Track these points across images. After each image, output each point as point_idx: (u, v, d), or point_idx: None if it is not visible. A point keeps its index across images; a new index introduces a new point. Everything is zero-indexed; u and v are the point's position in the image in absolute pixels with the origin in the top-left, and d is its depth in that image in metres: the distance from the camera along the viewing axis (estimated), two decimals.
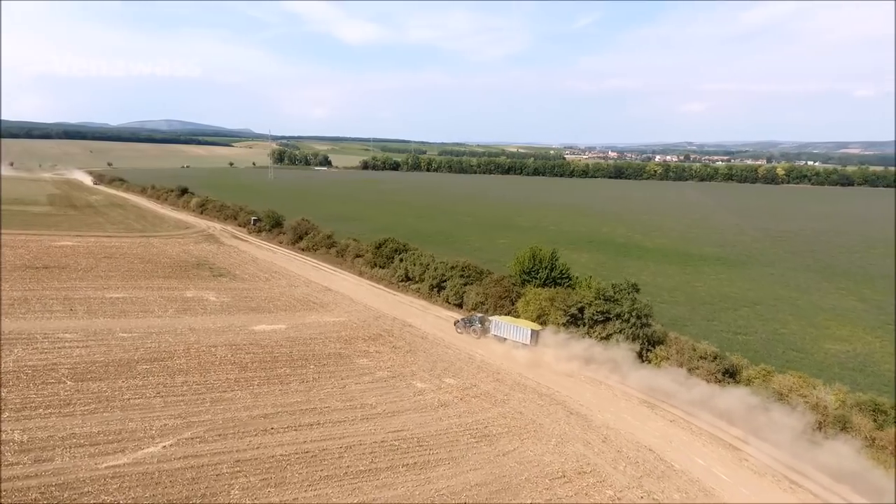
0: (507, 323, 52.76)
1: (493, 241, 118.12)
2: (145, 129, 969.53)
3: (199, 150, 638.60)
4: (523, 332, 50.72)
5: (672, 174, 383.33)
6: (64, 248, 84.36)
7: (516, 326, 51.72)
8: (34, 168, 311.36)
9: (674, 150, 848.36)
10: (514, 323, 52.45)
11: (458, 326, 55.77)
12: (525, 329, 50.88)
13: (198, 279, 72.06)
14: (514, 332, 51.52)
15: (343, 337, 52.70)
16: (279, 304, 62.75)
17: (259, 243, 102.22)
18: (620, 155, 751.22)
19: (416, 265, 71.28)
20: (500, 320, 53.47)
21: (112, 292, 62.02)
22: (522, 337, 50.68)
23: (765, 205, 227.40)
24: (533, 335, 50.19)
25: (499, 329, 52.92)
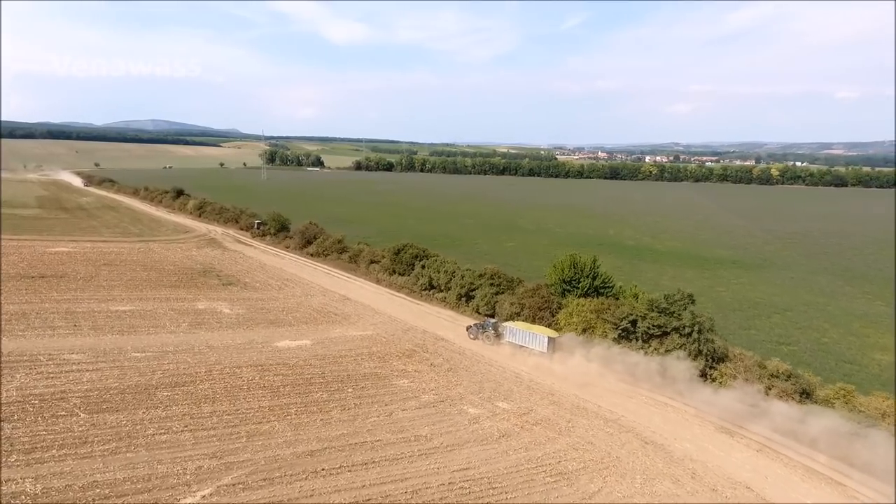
0: (522, 329, 50.19)
1: (501, 244, 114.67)
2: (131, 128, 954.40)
3: (188, 151, 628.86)
4: (539, 340, 48.42)
5: (667, 175, 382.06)
6: (60, 255, 79.16)
7: (532, 333, 49.28)
8: (18, 169, 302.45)
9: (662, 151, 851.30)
10: (530, 329, 49.89)
11: (471, 332, 53.54)
12: (542, 336, 48.50)
13: (206, 288, 67.38)
14: (529, 339, 49.21)
15: (375, 353, 48.46)
16: (298, 317, 58.33)
17: (265, 248, 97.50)
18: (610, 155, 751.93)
19: (440, 273, 67.14)
20: (514, 326, 50.95)
21: (117, 304, 57.22)
22: (538, 344, 48.38)
23: (765, 205, 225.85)
24: (550, 342, 47.84)
25: (513, 336, 50.50)
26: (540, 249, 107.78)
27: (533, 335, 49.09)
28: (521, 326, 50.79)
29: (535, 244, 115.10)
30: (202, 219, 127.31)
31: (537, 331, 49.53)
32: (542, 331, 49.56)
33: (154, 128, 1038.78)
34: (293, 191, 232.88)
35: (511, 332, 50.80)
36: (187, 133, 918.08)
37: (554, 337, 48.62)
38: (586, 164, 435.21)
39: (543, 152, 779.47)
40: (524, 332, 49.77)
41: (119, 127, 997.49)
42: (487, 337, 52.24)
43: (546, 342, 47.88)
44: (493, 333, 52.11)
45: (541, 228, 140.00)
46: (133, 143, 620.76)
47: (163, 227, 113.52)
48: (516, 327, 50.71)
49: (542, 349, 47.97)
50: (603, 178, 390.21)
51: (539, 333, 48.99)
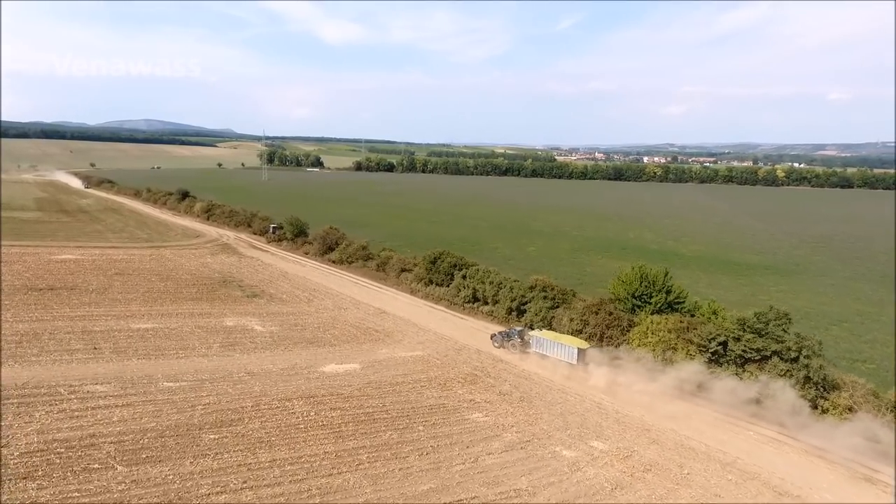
0: (550, 339, 47.93)
1: (521, 248, 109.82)
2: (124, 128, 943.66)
3: (184, 151, 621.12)
4: (568, 351, 46.16)
5: (671, 176, 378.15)
6: (67, 263, 73.37)
7: (560, 344, 46.95)
8: (12, 169, 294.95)
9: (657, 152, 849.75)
10: (558, 339, 47.62)
11: (496, 340, 51.32)
12: (570, 347, 46.19)
13: (230, 301, 61.84)
14: (558, 349, 46.97)
15: (435, 380, 43.10)
16: (337, 335, 52.90)
17: (283, 254, 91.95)
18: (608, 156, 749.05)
19: (486, 284, 61.82)
20: (542, 335, 48.83)
21: (138, 321, 51.61)
22: (567, 355, 46.13)
23: (778, 207, 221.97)
24: (580, 354, 45.54)
25: (540, 345, 48.35)
26: (563, 254, 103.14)
27: (561, 346, 46.71)
28: (548, 336, 48.46)
29: (557, 248, 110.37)
30: (211, 222, 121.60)
31: (566, 341, 47.08)
32: (571, 341, 47.09)
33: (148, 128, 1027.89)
34: (296, 192, 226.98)
35: (538, 342, 48.57)
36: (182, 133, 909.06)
37: (584, 348, 46.05)
38: (589, 165, 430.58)
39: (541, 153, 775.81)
40: (552, 342, 47.44)
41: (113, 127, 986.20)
42: (513, 345, 49.90)
43: (575, 353, 45.52)
44: (518, 342, 49.79)
45: (558, 231, 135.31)
46: (128, 144, 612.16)
47: (171, 232, 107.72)
48: (543, 336, 48.41)
49: (571, 360, 45.63)
50: (607, 179, 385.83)
51: (568, 344, 46.54)
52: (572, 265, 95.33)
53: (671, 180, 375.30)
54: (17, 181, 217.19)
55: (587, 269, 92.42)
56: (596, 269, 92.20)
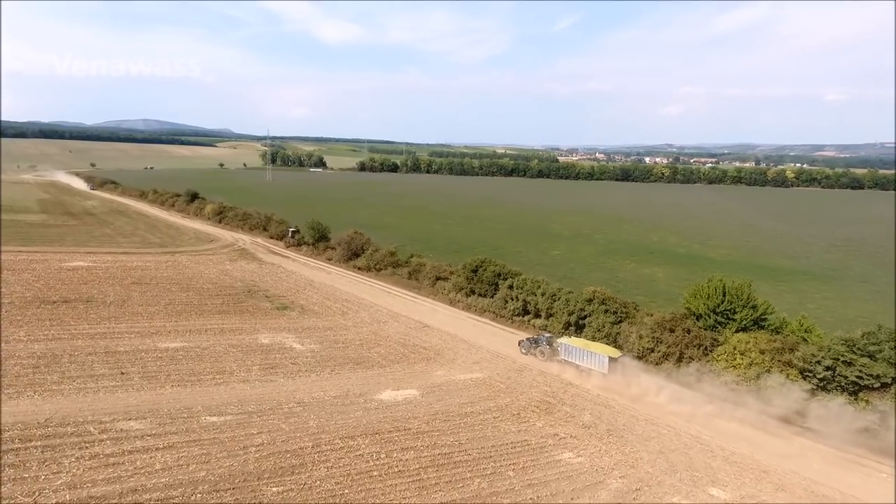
0: (580, 347, 46.34)
1: (545, 252, 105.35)
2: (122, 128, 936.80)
3: (183, 151, 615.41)
4: (599, 359, 44.37)
5: (680, 177, 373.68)
6: (79, 272, 68.32)
7: (590, 352, 45.35)
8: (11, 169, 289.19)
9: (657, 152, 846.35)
10: (588, 347, 46.04)
11: (523, 346, 49.87)
12: (601, 356, 44.36)
13: (260, 314, 56.88)
14: (587, 357, 45.30)
15: (506, 409, 38.23)
16: (384, 353, 48.02)
17: (304, 260, 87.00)
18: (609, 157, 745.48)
19: (538, 296, 56.97)
20: (571, 343, 47.28)
21: (164, 339, 46.63)
22: (598, 364, 44.37)
23: (796, 209, 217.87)
24: (611, 363, 43.75)
25: (569, 353, 46.77)
26: (589, 258, 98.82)
27: (591, 354, 45.02)
28: (577, 343, 47.01)
29: (582, 252, 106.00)
30: (223, 225, 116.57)
31: (596, 349, 45.37)
32: (602, 349, 45.31)
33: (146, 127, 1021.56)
34: (302, 193, 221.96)
35: (566, 350, 46.99)
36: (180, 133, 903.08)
37: (616, 357, 44.26)
38: (596, 166, 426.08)
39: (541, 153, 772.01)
40: (581, 350, 45.85)
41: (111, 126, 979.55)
42: (541, 352, 48.43)
43: (606, 362, 43.74)
44: (547, 349, 48.27)
45: (578, 234, 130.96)
46: (128, 143, 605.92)
47: (184, 236, 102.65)
48: (572, 344, 46.95)
49: (602, 370, 43.93)
50: (614, 179, 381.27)
51: (598, 352, 44.75)
52: (602, 270, 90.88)
53: (679, 181, 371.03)
54: (18, 182, 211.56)
55: (618, 275, 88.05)
56: (628, 275, 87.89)
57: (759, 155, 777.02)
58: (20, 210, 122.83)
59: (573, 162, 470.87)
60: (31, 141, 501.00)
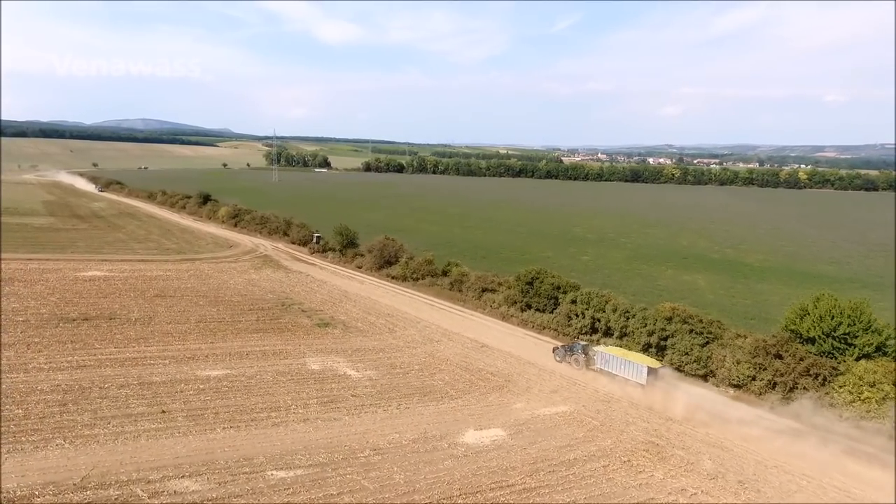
0: (618, 356, 44.39)
1: (574, 257, 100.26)
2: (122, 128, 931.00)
3: (185, 151, 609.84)
4: (637, 370, 42.50)
5: (691, 178, 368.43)
6: (96, 282, 62.77)
7: (628, 361, 43.45)
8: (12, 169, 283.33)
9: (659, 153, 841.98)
10: (626, 357, 44.09)
11: (557, 354, 48.43)
12: (640, 366, 42.55)
13: (301, 333, 51.38)
14: (625, 367, 43.38)
15: (611, 454, 32.79)
16: (449, 381, 42.56)
17: (332, 268, 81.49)
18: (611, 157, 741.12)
19: (609, 312, 51.49)
20: (607, 352, 45.59)
21: (203, 365, 41.09)
22: (636, 375, 42.48)
23: (818, 211, 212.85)
24: (650, 373, 41.92)
25: (605, 362, 45.01)
26: (621, 264, 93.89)
27: (629, 364, 43.20)
28: (615, 352, 45.23)
29: (613, 257, 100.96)
30: (239, 229, 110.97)
31: (634, 359, 43.58)
32: (641, 359, 43.47)
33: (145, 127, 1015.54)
34: (311, 194, 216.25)
35: (603, 358, 45.25)
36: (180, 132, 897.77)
37: (655, 367, 42.49)
38: (605, 166, 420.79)
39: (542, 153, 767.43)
40: (619, 360, 44.03)
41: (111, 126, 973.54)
42: (576, 361, 46.87)
43: (645, 373, 41.84)
44: (582, 357, 46.71)
45: (603, 238, 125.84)
46: (129, 143, 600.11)
47: (200, 241, 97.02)
48: (609, 353, 45.21)
49: (640, 381, 42.03)
50: (623, 180, 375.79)
51: (637, 362, 42.93)
52: (640, 277, 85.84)
53: (690, 182, 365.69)
54: (20, 182, 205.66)
55: (658, 283, 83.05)
56: (669, 283, 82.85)
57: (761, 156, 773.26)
58: (26, 212, 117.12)
59: (581, 163, 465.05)
60: (32, 140, 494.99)
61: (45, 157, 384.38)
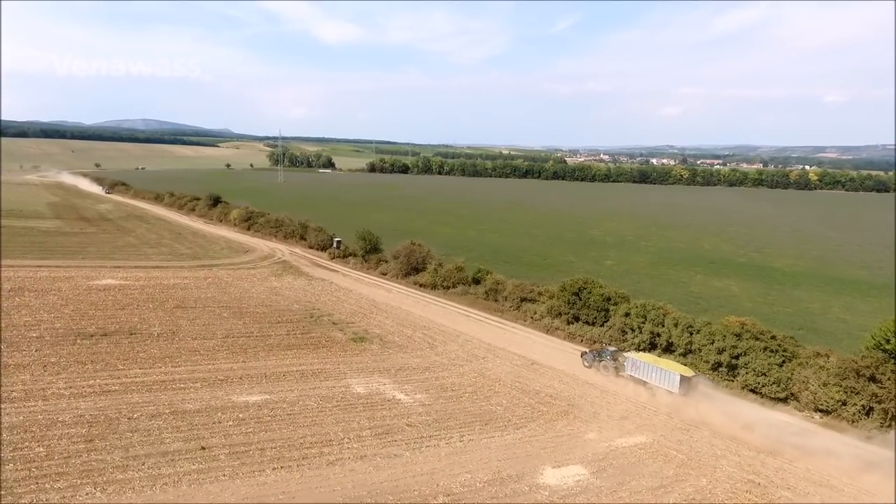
0: (649, 363, 42.90)
1: (598, 262, 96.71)
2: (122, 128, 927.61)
3: (186, 151, 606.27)
4: (669, 378, 41.07)
5: (699, 179, 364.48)
6: (111, 292, 58.83)
7: (660, 369, 41.89)
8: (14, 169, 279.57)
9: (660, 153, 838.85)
10: (657, 364, 42.52)
11: (585, 359, 47.18)
12: (672, 374, 41.07)
13: (336, 348, 47.46)
14: (656, 375, 41.94)
15: (711, 495, 28.90)
16: (508, 406, 38.65)
17: (356, 275, 77.56)
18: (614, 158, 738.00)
19: (666, 326, 47.55)
20: (639, 358, 43.90)
21: (238, 389, 37.16)
22: (668, 383, 41.04)
23: (834, 213, 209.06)
24: (683, 382, 40.36)
25: (636, 369, 43.51)
26: (647, 269, 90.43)
27: (661, 371, 41.72)
28: (646, 359, 43.73)
29: (637, 262, 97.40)
30: (252, 233, 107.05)
31: (666, 366, 42.04)
32: (673, 367, 41.95)
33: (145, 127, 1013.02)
34: (317, 195, 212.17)
35: (633, 365, 43.80)
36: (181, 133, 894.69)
37: (689, 376, 40.99)
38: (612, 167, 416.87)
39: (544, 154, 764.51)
40: (650, 367, 42.53)
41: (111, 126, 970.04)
42: (605, 367, 45.48)
43: (678, 381, 40.43)
44: (611, 363, 45.30)
45: (623, 242, 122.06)
46: (130, 143, 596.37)
47: (214, 245, 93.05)
48: (640, 359, 43.72)
49: (673, 389, 40.62)
50: (631, 181, 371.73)
51: (669, 370, 41.45)
52: (671, 283, 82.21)
53: (698, 183, 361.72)
54: (23, 183, 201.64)
55: (691, 289, 79.43)
56: (701, 289, 79.28)
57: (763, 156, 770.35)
58: (31, 215, 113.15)
59: (588, 163, 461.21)
60: (33, 140, 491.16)
61: (47, 158, 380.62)
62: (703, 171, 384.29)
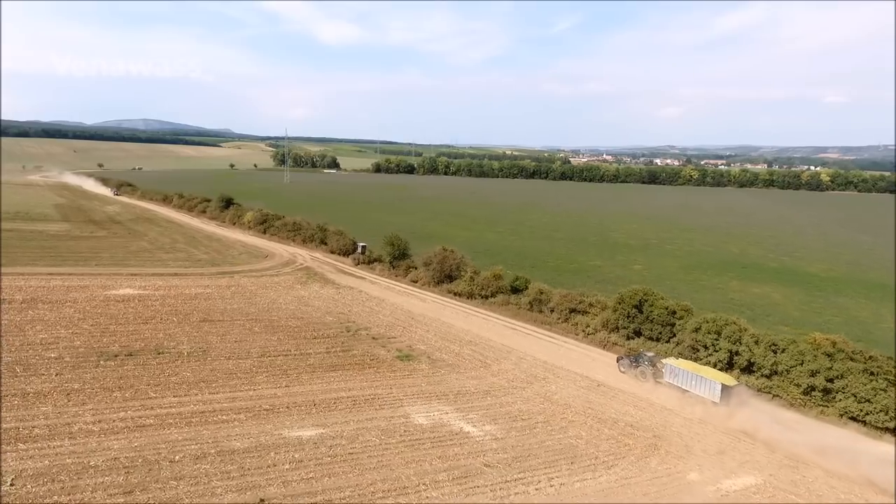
0: (689, 370, 41.39)
1: (626, 266, 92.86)
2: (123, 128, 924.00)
3: (189, 151, 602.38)
4: (710, 386, 39.53)
5: (710, 180, 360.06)
6: (131, 303, 54.50)
7: (700, 377, 40.45)
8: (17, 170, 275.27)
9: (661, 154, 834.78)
10: (697, 371, 41.07)
11: (622, 364, 45.95)
12: (713, 382, 39.53)
13: (383, 368, 43.17)
14: (696, 383, 40.43)
15: None
16: (590, 439, 34.33)
17: (384, 282, 73.32)
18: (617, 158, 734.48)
19: (744, 343, 43.18)
20: (677, 365, 42.29)
21: (288, 422, 32.80)
22: (709, 392, 39.55)
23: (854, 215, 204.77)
24: (724, 391, 38.80)
25: (675, 376, 41.95)
26: (678, 274, 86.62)
27: (701, 379, 40.29)
28: (685, 366, 42.15)
29: (666, 267, 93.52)
30: (269, 236, 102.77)
31: (707, 374, 40.61)
32: (714, 375, 40.45)
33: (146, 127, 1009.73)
34: (326, 195, 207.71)
35: (672, 372, 42.23)
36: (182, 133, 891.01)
37: (730, 385, 39.25)
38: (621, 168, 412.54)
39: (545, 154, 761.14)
40: (690, 374, 41.11)
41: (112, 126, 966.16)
42: (642, 373, 43.91)
43: (719, 390, 38.98)
44: (649, 370, 43.53)
45: (647, 245, 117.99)
46: (132, 143, 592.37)
47: (231, 250, 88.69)
48: (679, 366, 42.08)
49: (714, 398, 39.14)
50: (640, 182, 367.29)
51: (709, 378, 39.96)
52: (707, 290, 78.25)
53: (708, 184, 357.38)
54: (27, 184, 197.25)
55: (730, 297, 75.44)
56: (741, 297, 75.29)
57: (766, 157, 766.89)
58: (38, 218, 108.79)
59: (596, 164, 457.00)
60: (35, 140, 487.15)
61: (49, 158, 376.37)
62: (712, 171, 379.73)
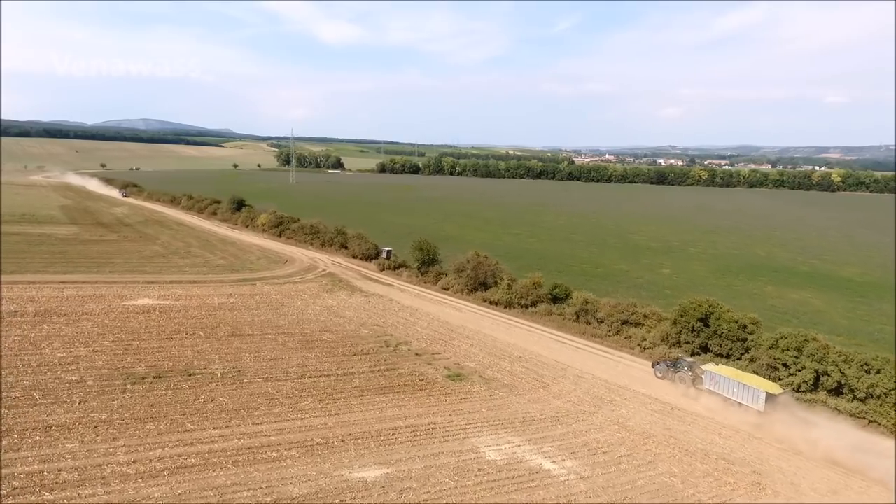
0: (731, 377, 39.70)
1: (653, 270, 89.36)
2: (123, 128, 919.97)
3: (191, 151, 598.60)
4: (754, 394, 37.93)
5: (719, 180, 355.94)
6: (153, 315, 50.49)
7: (742, 384, 38.86)
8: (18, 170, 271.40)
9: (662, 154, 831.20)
10: (740, 379, 39.38)
11: (658, 370, 44.32)
12: (757, 390, 37.92)
13: (435, 390, 39.23)
14: (739, 391, 38.90)
15: None
16: (683, 476, 30.44)
17: (414, 289, 69.41)
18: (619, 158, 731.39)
19: (828, 362, 39.20)
20: (719, 372, 40.69)
21: (346, 460, 28.83)
22: (752, 400, 37.90)
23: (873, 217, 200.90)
24: (769, 399, 37.23)
25: (716, 383, 40.39)
26: (711, 279, 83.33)
27: (744, 387, 38.76)
28: (727, 373, 40.56)
29: (695, 271, 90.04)
30: (285, 240, 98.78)
31: (750, 381, 39.00)
32: (758, 382, 38.84)
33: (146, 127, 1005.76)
34: (334, 196, 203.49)
35: (713, 379, 40.68)
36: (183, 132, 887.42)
37: (775, 393, 37.65)
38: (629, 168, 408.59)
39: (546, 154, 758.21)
40: (732, 382, 39.53)
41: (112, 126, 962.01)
42: (681, 379, 42.51)
43: (763, 398, 37.47)
44: (688, 376, 42.19)
45: (670, 248, 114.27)
46: (134, 143, 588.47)
47: (248, 255, 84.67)
48: (721, 374, 40.50)
49: (758, 407, 37.66)
50: (649, 182, 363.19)
51: (753, 386, 38.40)
52: (744, 296, 74.61)
53: (718, 184, 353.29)
54: (30, 184, 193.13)
55: (769, 303, 71.89)
56: (781, 303, 71.83)
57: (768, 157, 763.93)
58: (45, 220, 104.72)
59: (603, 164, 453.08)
60: (36, 140, 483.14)
61: (51, 158, 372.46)
62: (722, 171, 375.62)
